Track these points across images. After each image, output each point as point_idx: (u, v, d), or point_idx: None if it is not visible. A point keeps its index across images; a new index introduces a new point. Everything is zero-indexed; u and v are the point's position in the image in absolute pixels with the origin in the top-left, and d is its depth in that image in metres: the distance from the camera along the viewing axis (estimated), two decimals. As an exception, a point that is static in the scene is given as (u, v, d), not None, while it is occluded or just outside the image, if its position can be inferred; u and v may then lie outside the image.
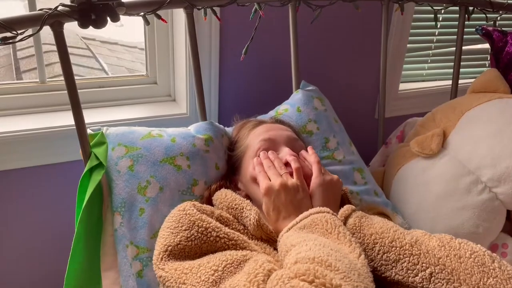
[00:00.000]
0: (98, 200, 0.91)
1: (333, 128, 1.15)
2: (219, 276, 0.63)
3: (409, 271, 0.70)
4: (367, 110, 1.61)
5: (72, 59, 2.37)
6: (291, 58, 1.21)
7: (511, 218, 1.17)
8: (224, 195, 0.88)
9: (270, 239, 0.80)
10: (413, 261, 0.70)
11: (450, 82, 1.45)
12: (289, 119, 1.11)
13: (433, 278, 0.68)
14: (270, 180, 0.82)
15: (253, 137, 0.96)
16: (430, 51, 1.76)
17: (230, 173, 1.00)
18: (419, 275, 0.69)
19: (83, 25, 0.84)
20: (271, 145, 0.92)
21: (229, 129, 1.10)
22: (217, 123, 1.07)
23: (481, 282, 0.67)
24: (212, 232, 0.71)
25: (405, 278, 0.70)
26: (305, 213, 0.73)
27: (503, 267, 0.68)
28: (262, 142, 0.92)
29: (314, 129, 1.11)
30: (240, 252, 0.68)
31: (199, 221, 0.72)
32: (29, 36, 0.85)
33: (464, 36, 1.42)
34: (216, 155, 1.01)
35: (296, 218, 0.73)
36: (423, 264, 0.69)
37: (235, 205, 0.84)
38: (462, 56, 1.44)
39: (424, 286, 0.68)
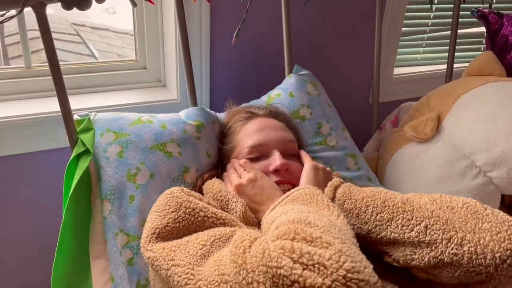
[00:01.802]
0: (86, 187, 0.89)
1: (326, 113, 1.13)
2: (207, 250, 0.63)
3: (404, 227, 0.70)
4: (361, 95, 1.59)
5: (61, 45, 2.34)
6: (283, 42, 1.19)
7: (506, 202, 1.17)
8: (211, 185, 0.87)
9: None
10: (407, 217, 0.70)
11: (445, 66, 1.43)
12: (282, 105, 1.09)
13: (428, 230, 0.68)
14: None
15: (243, 137, 0.94)
16: (425, 35, 1.74)
17: (221, 162, 0.99)
18: (414, 229, 0.69)
19: (66, 6, 0.80)
20: (260, 150, 0.90)
21: (221, 115, 1.08)
22: (208, 109, 1.05)
23: (477, 227, 0.67)
24: (200, 212, 0.70)
25: (400, 235, 0.69)
26: (287, 193, 0.73)
27: (496, 213, 0.69)
28: (250, 150, 0.90)
29: (307, 114, 1.09)
30: (229, 228, 0.68)
31: (186, 203, 0.71)
32: (11, 17, 0.81)
33: (460, 20, 1.40)
34: (207, 142, 0.99)
35: (278, 200, 0.73)
36: (417, 219, 0.69)
37: (221, 196, 0.83)
38: (458, 40, 1.43)
39: (421, 240, 0.68)
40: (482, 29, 1.55)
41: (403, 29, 1.59)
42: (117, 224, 0.87)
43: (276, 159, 0.86)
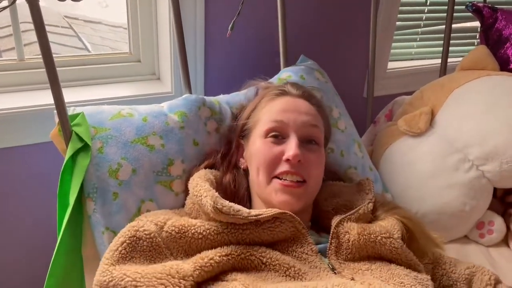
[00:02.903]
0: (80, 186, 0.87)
1: (335, 99, 1.15)
2: None
3: None
4: (356, 89, 1.59)
5: (54, 38, 2.32)
6: (278, 35, 1.19)
7: (498, 196, 1.18)
8: (192, 180, 0.85)
9: (239, 221, 0.75)
10: None
11: (439, 60, 1.44)
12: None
13: None
14: None
15: (267, 111, 0.87)
16: (419, 29, 1.74)
17: (229, 142, 0.95)
18: None
19: (59, -4, 0.80)
20: (281, 128, 0.84)
21: (210, 98, 1.05)
22: (195, 95, 1.02)
23: None
24: (115, 280, 0.68)
25: None
26: None
27: None
28: (272, 124, 0.84)
29: (318, 96, 1.06)
30: None
31: (110, 267, 0.70)
32: (4, 8, 0.80)
33: (454, 14, 1.40)
34: (193, 130, 0.96)
35: None
36: None
37: (196, 192, 0.80)
38: (452, 34, 1.43)
39: None
40: (477, 23, 1.55)
41: (397, 23, 1.59)
42: (101, 222, 0.85)
43: (291, 147, 0.80)
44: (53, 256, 0.80)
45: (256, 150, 0.85)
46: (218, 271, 0.72)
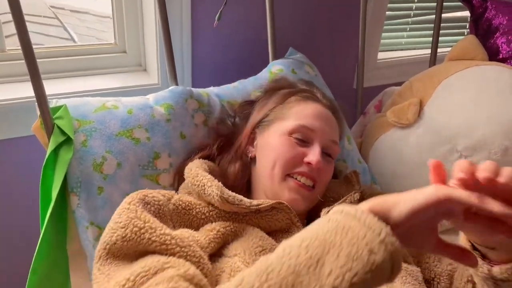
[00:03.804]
0: (63, 178, 0.85)
1: (326, 93, 1.13)
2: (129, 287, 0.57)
3: None
4: (346, 80, 1.58)
5: (39, 28, 2.27)
6: (267, 26, 1.17)
7: (486, 187, 1.18)
8: (189, 169, 0.84)
9: (242, 210, 0.77)
10: None
11: (429, 50, 1.43)
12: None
13: None
14: None
15: (297, 111, 0.88)
16: (410, 19, 1.73)
17: (231, 134, 0.95)
18: None
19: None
20: (308, 132, 0.85)
21: (197, 90, 1.04)
22: (181, 87, 1.01)
23: None
24: (145, 234, 0.63)
25: None
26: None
27: None
28: (301, 126, 0.85)
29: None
30: (164, 258, 0.60)
31: (135, 220, 0.64)
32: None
33: (444, 3, 1.39)
34: (179, 123, 0.95)
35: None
36: None
37: (197, 181, 0.80)
38: (442, 24, 1.42)
39: None
40: (467, 13, 1.54)
41: (387, 13, 1.58)
42: (86, 217, 0.84)
43: (315, 154, 0.82)
44: (36, 252, 0.78)
45: (277, 144, 0.85)
46: (223, 243, 0.74)
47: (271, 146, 0.86)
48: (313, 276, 0.43)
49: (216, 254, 0.73)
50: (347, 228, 0.45)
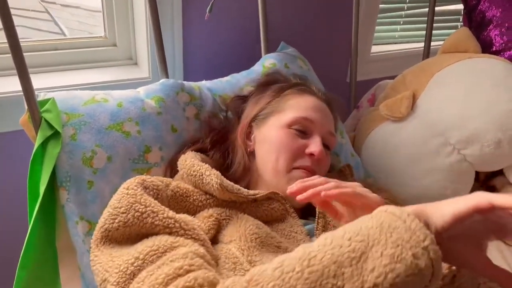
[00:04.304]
0: (51, 173, 0.83)
1: (319, 87, 1.13)
2: (138, 266, 0.57)
3: None
4: (339, 73, 1.58)
5: (29, 22, 2.24)
6: (259, 19, 1.16)
7: (480, 180, 1.18)
8: (184, 160, 0.84)
9: (239, 199, 0.78)
10: None
11: (423, 44, 1.42)
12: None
13: None
14: None
15: (295, 104, 0.89)
16: (403, 12, 1.73)
17: (225, 128, 0.95)
18: None
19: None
20: (308, 124, 0.86)
21: (189, 83, 1.03)
22: (172, 80, 1.00)
23: None
24: (148, 218, 0.62)
25: None
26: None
27: None
28: (301, 118, 0.86)
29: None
30: (172, 238, 0.61)
31: (136, 204, 0.64)
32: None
33: (438, -4, 1.39)
34: (170, 116, 0.94)
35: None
36: None
37: (194, 171, 0.79)
38: (436, 17, 1.41)
39: None
40: (460, 6, 1.54)
41: (380, 6, 1.57)
42: (75, 212, 0.83)
43: (317, 144, 0.83)
44: (23, 248, 0.77)
45: (278, 137, 0.85)
46: (218, 230, 0.74)
47: (271, 140, 0.86)
48: (355, 270, 0.44)
49: (212, 240, 0.72)
50: (392, 228, 0.45)
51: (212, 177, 0.77)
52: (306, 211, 0.88)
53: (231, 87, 1.06)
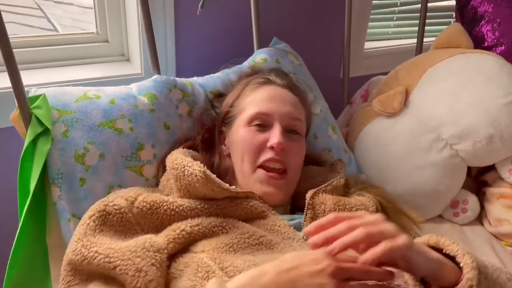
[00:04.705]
0: (42, 170, 0.83)
1: (309, 83, 1.14)
2: None
3: None
4: (332, 69, 1.57)
5: (22, 19, 2.22)
6: (251, 15, 1.15)
7: (472, 175, 1.19)
8: (170, 155, 0.84)
9: (220, 193, 0.77)
10: None
11: (416, 40, 1.42)
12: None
13: None
14: None
15: (252, 100, 0.88)
16: (396, 8, 1.72)
17: (210, 128, 0.94)
18: None
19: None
20: (265, 117, 0.85)
21: (182, 80, 1.02)
22: (165, 76, 0.99)
23: None
24: (88, 258, 0.67)
25: None
26: None
27: None
28: (256, 113, 0.85)
29: (300, 83, 1.05)
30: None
31: (82, 249, 0.69)
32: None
33: (430, -8, 1.39)
34: (164, 114, 0.94)
35: None
36: None
37: (176, 164, 0.79)
38: (428, 14, 1.41)
39: None
40: (453, 2, 1.54)
41: (373, 2, 1.57)
42: (67, 209, 0.83)
43: (275, 135, 0.82)
44: (13, 246, 0.77)
45: (240, 137, 0.85)
46: (190, 241, 0.73)
47: (236, 141, 0.86)
48: None
49: (182, 251, 0.72)
50: None
51: (195, 167, 0.76)
52: (294, 207, 0.88)
53: (222, 83, 1.06)
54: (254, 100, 0.88)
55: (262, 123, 0.85)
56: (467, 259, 0.58)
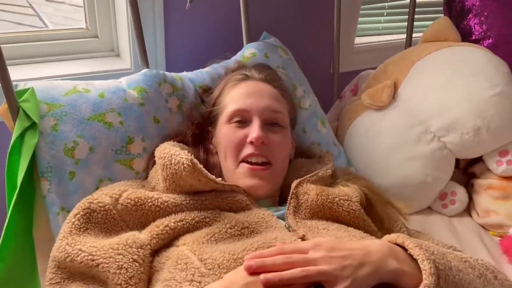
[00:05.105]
0: (30, 164, 0.83)
1: (299, 77, 1.15)
2: None
3: None
4: (323, 64, 1.58)
5: (13, 17, 2.21)
6: (241, 8, 1.16)
7: (460, 167, 1.20)
8: (159, 147, 0.85)
9: (206, 185, 0.78)
10: None
11: (405, 35, 1.43)
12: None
13: None
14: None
15: (231, 98, 0.89)
16: (386, 3, 1.73)
17: (200, 123, 0.95)
18: None
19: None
20: (244, 113, 0.86)
21: (171, 74, 1.03)
22: (155, 70, 1.00)
23: None
24: (72, 255, 0.69)
25: None
26: None
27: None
28: (235, 110, 0.86)
29: (282, 76, 1.07)
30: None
31: (67, 246, 0.70)
32: None
33: (419, -13, 1.40)
34: (153, 107, 0.94)
35: None
36: None
37: (164, 154, 0.80)
38: (418, 9, 1.42)
39: None
40: (442, -3, 1.55)
41: (364, -3, 1.58)
42: (57, 202, 0.83)
43: (254, 130, 0.82)
44: (1, 239, 0.77)
45: (222, 135, 0.87)
46: (174, 237, 0.73)
47: (219, 139, 0.88)
48: None
49: (165, 246, 0.73)
50: None
51: (182, 155, 0.76)
52: (282, 199, 0.89)
53: (211, 77, 1.06)
54: (232, 98, 0.89)
55: (242, 119, 0.86)
56: (426, 265, 0.60)
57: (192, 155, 0.77)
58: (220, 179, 0.79)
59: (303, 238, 0.70)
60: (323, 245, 0.61)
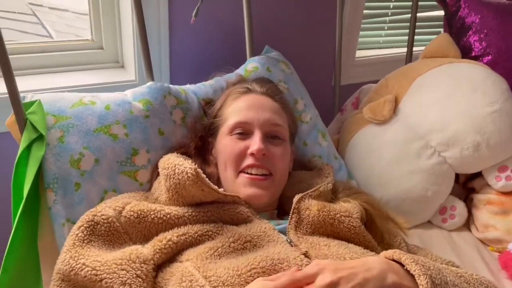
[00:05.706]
0: (36, 175, 0.83)
1: (300, 91, 1.16)
2: None
3: None
4: (324, 77, 1.60)
5: (16, 25, 2.22)
6: (244, 23, 1.17)
7: (460, 181, 1.21)
8: (163, 158, 0.86)
9: (209, 195, 0.79)
10: None
11: (406, 49, 1.45)
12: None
13: None
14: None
15: (233, 111, 0.90)
16: (387, 18, 1.76)
17: (203, 136, 0.96)
18: None
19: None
20: (245, 125, 0.87)
21: (175, 87, 1.04)
22: (159, 83, 1.01)
23: None
24: (76, 269, 0.69)
25: None
26: None
27: None
28: (237, 122, 0.87)
29: (283, 89, 1.08)
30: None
31: (70, 260, 0.70)
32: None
33: (420, 3, 1.42)
34: (158, 120, 0.95)
35: None
36: None
37: (167, 164, 0.81)
38: (419, 23, 1.44)
39: None
40: (442, 12, 1.57)
41: (365, 11, 1.60)
42: (62, 214, 0.83)
43: (255, 142, 0.83)
44: (6, 250, 0.77)
45: (223, 146, 0.88)
46: (177, 251, 0.74)
47: (220, 150, 0.89)
48: None
49: (169, 261, 0.74)
50: None
51: (186, 165, 0.78)
52: (281, 212, 0.90)
53: (214, 90, 1.08)
54: (234, 110, 0.90)
55: (243, 131, 0.87)
56: (423, 280, 0.63)
57: (196, 165, 0.79)
58: (222, 189, 0.80)
59: (305, 254, 0.71)
60: (327, 267, 0.63)
